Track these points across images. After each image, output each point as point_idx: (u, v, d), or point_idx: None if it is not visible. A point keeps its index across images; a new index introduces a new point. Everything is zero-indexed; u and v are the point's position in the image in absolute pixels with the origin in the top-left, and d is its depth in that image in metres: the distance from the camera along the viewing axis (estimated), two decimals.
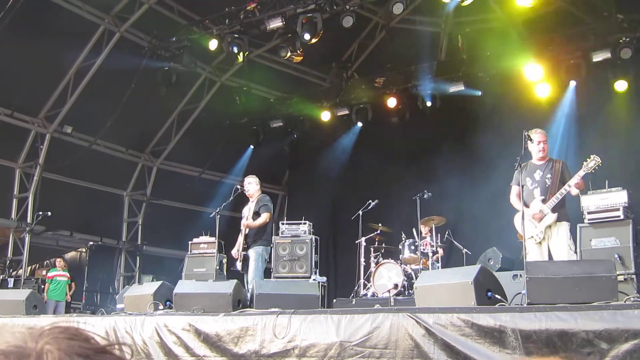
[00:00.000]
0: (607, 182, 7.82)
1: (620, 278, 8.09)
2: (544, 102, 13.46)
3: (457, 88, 14.53)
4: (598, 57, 12.82)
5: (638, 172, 11.45)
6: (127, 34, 14.40)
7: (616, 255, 8.63)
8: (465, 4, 11.77)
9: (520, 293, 5.92)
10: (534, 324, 4.53)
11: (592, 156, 6.92)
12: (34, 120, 14.72)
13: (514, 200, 7.35)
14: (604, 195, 7.55)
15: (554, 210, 7.01)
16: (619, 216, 9.11)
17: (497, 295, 5.63)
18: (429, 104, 15.03)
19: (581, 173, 6.98)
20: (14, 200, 14.88)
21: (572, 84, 13.38)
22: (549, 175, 7.19)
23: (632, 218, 9.05)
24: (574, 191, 7.08)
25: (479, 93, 14.28)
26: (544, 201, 7.10)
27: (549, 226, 7.06)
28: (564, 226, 7.11)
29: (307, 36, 12.54)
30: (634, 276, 8.62)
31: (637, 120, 12.26)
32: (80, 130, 15.29)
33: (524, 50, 13.41)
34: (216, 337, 6.27)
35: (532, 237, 7.06)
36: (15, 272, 14.45)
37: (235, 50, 13.38)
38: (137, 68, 14.36)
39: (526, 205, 7.00)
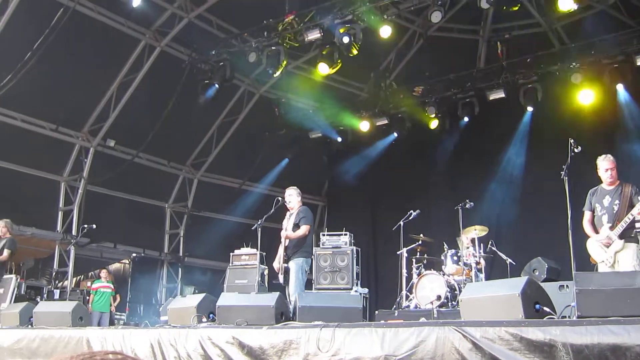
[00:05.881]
0: None
1: None
2: (587, 108, 13.16)
3: (497, 95, 14.36)
4: None
5: None
6: (167, 48, 14.61)
7: None
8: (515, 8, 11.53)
9: (569, 305, 5.78)
10: (586, 338, 4.40)
11: None
12: (78, 135, 14.99)
13: (585, 225, 7.37)
14: None
15: (621, 236, 6.96)
16: None
17: (545, 308, 5.48)
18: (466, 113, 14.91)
19: None
20: (60, 213, 15.19)
21: (620, 87, 12.94)
22: (617, 202, 7.12)
23: None
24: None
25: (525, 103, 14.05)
26: (611, 228, 7.04)
27: (618, 251, 7.02)
28: (632, 248, 7.01)
29: (345, 40, 12.51)
30: None
31: None
32: (123, 143, 15.55)
33: (565, 55, 13.21)
34: (260, 350, 6.21)
35: (603, 261, 7.10)
36: (61, 283, 14.72)
37: (275, 62, 13.44)
38: (178, 81, 14.55)
39: (596, 231, 7.12)
